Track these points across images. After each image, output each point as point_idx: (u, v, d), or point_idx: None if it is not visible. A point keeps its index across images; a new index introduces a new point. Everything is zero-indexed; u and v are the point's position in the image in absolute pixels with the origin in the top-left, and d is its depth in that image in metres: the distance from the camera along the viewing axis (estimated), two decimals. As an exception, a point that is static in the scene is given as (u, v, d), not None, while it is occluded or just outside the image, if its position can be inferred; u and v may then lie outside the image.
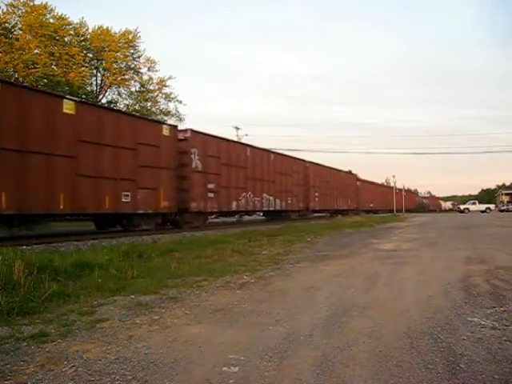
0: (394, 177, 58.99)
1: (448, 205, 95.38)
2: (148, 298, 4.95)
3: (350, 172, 40.36)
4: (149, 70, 32.55)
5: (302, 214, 26.74)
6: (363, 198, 41.29)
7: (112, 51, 29.91)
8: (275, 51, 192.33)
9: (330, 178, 31.39)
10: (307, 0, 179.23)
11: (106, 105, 27.63)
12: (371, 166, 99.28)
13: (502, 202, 61.52)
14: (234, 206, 18.80)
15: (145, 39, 51.29)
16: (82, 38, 29.30)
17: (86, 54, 29.33)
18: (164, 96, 33.50)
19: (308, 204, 26.95)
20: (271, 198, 22.16)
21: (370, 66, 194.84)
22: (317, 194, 28.47)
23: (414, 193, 71.94)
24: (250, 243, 11.18)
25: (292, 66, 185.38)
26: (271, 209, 22.46)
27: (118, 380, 2.72)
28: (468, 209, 52.23)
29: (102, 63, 30.73)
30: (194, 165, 16.02)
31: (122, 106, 31.59)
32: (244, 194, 19.60)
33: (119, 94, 32.82)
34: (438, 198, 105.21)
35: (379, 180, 67.77)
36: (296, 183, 25.25)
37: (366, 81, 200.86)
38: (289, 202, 24.24)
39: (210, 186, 16.95)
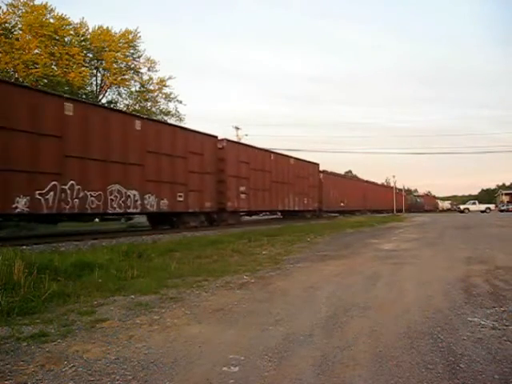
0: (394, 177, 58.33)
1: (446, 204, 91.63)
2: (148, 298, 4.95)
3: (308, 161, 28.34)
4: (149, 70, 32.59)
5: (214, 217, 18.39)
6: (330, 195, 32.16)
7: (112, 51, 29.90)
8: (275, 51, 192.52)
9: (271, 166, 22.49)
10: (307, 0, 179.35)
11: (106, 105, 27.62)
12: (371, 166, 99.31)
13: (502, 202, 61.52)
14: (21, 205, 10.41)
15: (145, 39, 51.45)
16: (82, 38, 29.27)
17: (86, 54, 29.31)
18: (164, 96, 33.51)
19: (225, 203, 18.26)
20: (134, 192, 13.63)
21: (369, 65, 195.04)
22: (243, 189, 19.53)
23: (406, 191, 64.85)
24: (250, 243, 11.18)
25: (292, 65, 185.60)
26: (133, 210, 13.78)
27: (117, 380, 2.73)
28: (468, 209, 52.25)
29: (101, 63, 30.71)
30: None
31: (122, 106, 31.62)
32: (55, 183, 11.23)
33: (119, 94, 32.85)
34: (436, 198, 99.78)
35: (379, 180, 65.02)
36: (196, 171, 16.56)
37: (365, 81, 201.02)
38: (179, 199, 15.62)
39: None
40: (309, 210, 27.65)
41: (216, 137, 18.61)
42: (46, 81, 25.62)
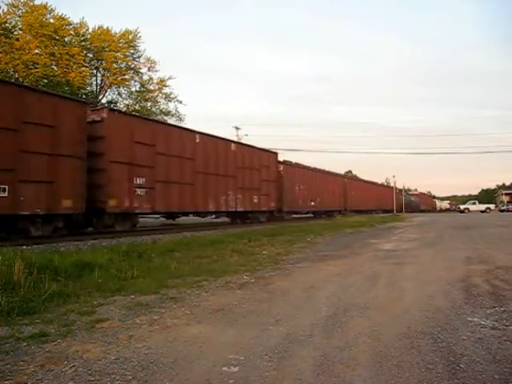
0: (394, 177, 57.93)
1: (445, 204, 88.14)
2: (148, 297, 4.95)
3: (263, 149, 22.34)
4: (149, 70, 32.63)
5: (92, 222, 12.97)
6: (295, 192, 25.54)
7: (112, 51, 29.93)
8: (275, 51, 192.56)
9: (196, 151, 16.32)
10: (307, 0, 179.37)
11: (106, 105, 27.62)
12: (371, 167, 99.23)
13: (502, 202, 61.49)
14: None
15: (145, 39, 51.51)
16: (82, 38, 29.31)
17: (86, 54, 29.33)
18: (164, 96, 33.54)
19: (104, 202, 12.56)
20: None
21: (369, 65, 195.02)
22: (141, 182, 13.79)
23: (406, 190, 58.26)
24: (250, 243, 11.18)
25: (292, 65, 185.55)
26: None
27: (118, 380, 2.72)
28: (468, 209, 52.30)
29: (102, 63, 30.73)
30: None
31: (122, 106, 31.62)
32: None
33: (119, 94, 32.89)
34: (433, 197, 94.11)
35: (379, 180, 62.19)
36: (39, 151, 10.77)
37: (366, 81, 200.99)
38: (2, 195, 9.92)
39: None
40: (262, 210, 21.49)
41: (84, 102, 13.40)
42: (46, 81, 25.64)
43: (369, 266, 7.45)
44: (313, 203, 28.00)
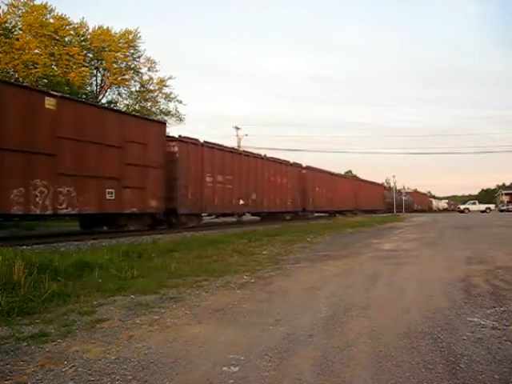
0: (394, 177, 57.73)
1: (443, 204, 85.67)
2: (148, 298, 4.95)
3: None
4: (149, 70, 32.55)
5: None
6: (207, 186, 16.99)
7: (112, 51, 29.89)
8: (275, 51, 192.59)
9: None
10: (308, 0, 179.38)
11: (107, 105, 27.62)
12: (372, 167, 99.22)
13: (502, 202, 61.53)
14: None
15: (145, 39, 51.49)
16: (82, 38, 29.29)
17: (86, 54, 29.31)
18: (164, 96, 33.47)
19: None
20: None
21: (369, 65, 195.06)
22: None
23: (382, 185, 51.18)
24: (250, 243, 11.18)
25: (292, 65, 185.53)
26: None
27: (118, 380, 2.72)
28: (468, 209, 52.31)
29: (102, 63, 30.70)
30: None
31: (122, 106, 31.60)
32: None
33: (119, 94, 32.81)
34: (430, 196, 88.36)
35: (379, 180, 60.00)
36: None
37: (366, 81, 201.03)
38: None
39: None
40: (129, 213, 13.34)
41: None
42: (45, 81, 25.62)
43: (369, 265, 7.45)
44: (242, 202, 19.40)
